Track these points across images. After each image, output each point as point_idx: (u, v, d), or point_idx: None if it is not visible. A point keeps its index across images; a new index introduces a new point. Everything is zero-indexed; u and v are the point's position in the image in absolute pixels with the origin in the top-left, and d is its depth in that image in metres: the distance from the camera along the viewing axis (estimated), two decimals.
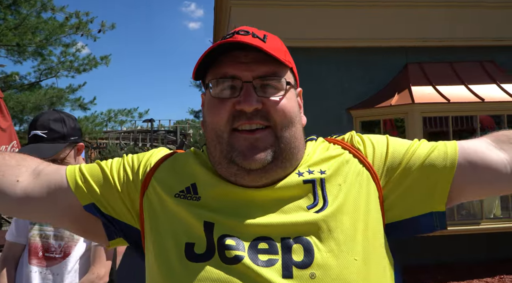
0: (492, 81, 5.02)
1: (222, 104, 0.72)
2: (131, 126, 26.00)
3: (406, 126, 4.69)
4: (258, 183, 0.72)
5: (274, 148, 0.71)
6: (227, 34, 0.76)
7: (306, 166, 0.75)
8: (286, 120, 0.72)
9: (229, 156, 0.71)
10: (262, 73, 0.72)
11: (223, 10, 5.98)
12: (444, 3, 5.25)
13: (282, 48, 0.77)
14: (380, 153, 0.79)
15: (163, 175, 0.79)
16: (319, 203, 0.70)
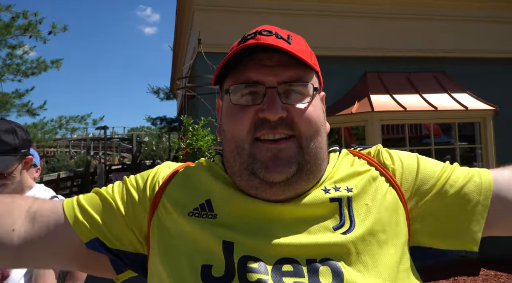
0: (444, 90, 5.29)
1: (243, 112, 0.66)
2: (82, 134, 24.94)
3: (366, 133, 4.82)
4: (280, 197, 0.66)
5: (299, 159, 0.65)
6: (248, 35, 0.69)
7: (332, 182, 0.70)
8: (312, 129, 0.66)
9: (251, 168, 0.65)
10: (288, 78, 0.66)
11: (185, 15, 5.88)
12: (400, 15, 5.49)
13: (307, 49, 0.71)
14: (409, 173, 0.73)
15: (174, 193, 0.72)
16: (345, 224, 0.65)
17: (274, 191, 0.65)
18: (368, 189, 0.69)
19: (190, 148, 3.26)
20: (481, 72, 5.73)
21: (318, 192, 0.67)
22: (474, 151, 5.41)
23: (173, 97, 13.34)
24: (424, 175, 0.73)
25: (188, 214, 0.67)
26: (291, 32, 0.72)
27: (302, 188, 0.67)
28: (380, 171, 0.73)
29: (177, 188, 0.73)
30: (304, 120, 0.66)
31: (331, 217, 0.65)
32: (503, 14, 5.75)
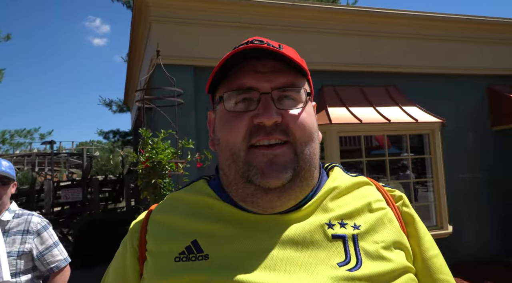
0: (395, 104, 5.54)
1: (238, 119, 0.65)
2: (26, 149, 23.49)
3: (325, 145, 4.91)
4: (276, 203, 0.64)
5: (294, 165, 0.64)
6: (240, 44, 0.69)
7: (339, 216, 0.67)
8: (306, 135, 0.66)
9: (246, 175, 0.64)
10: (281, 83, 0.66)
11: (140, 26, 5.76)
12: (355, 32, 5.71)
13: (299, 57, 0.71)
14: (423, 241, 0.72)
15: (153, 244, 0.67)
16: (351, 261, 0.61)
17: (270, 198, 0.63)
18: (378, 228, 0.67)
19: (150, 162, 3.14)
20: (427, 87, 6.08)
21: (321, 228, 0.64)
22: (423, 162, 5.68)
23: (126, 109, 12.96)
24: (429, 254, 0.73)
25: (174, 260, 0.63)
26: (282, 43, 0.72)
27: (295, 195, 0.65)
28: (396, 216, 0.72)
29: (155, 239, 0.68)
30: (298, 126, 0.65)
31: (335, 253, 0.62)
32: (447, 33, 6.16)
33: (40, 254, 2.02)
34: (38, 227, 2.06)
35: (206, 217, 0.67)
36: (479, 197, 6.15)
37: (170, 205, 0.73)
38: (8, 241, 1.95)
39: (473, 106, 6.33)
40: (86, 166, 11.41)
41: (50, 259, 2.04)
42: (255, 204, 0.64)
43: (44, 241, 2.05)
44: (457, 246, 5.87)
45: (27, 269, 1.97)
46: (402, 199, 0.75)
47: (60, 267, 2.07)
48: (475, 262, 5.86)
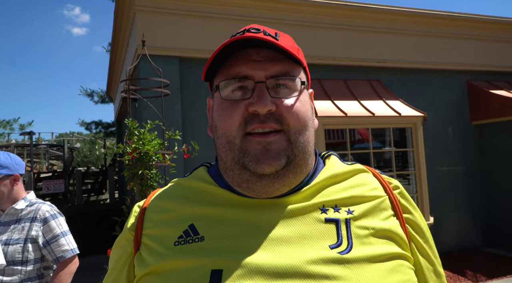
0: (379, 98, 5.62)
1: (234, 107, 0.67)
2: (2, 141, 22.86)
3: None
4: (270, 189, 0.66)
5: (288, 153, 0.66)
6: (236, 33, 0.70)
7: (333, 201, 0.68)
8: (300, 123, 0.67)
9: (242, 162, 0.66)
10: (276, 72, 0.67)
11: (124, 16, 5.67)
12: (340, 26, 5.76)
13: (295, 45, 0.73)
14: (420, 233, 0.75)
15: (153, 229, 0.70)
16: (343, 244, 0.63)
17: (264, 183, 0.65)
18: (372, 214, 0.69)
19: (136, 153, 3.13)
20: (409, 81, 6.20)
21: (315, 211, 0.67)
22: (405, 155, 5.80)
23: (109, 100, 12.76)
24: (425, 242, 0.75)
25: (174, 244, 0.65)
26: (279, 31, 0.73)
27: (289, 181, 0.67)
28: (393, 204, 0.73)
29: (154, 224, 0.71)
30: (292, 114, 0.66)
31: (328, 236, 0.64)
32: (428, 29, 6.26)
33: (46, 243, 2.02)
34: (46, 215, 2.07)
35: (203, 202, 0.69)
36: (459, 189, 6.33)
37: (170, 192, 0.76)
38: (18, 228, 1.99)
39: (453, 100, 6.48)
40: (67, 158, 11.22)
41: (56, 249, 2.04)
42: (250, 189, 0.66)
43: (51, 229, 2.05)
44: (438, 237, 6.04)
45: (35, 258, 1.99)
46: (399, 188, 0.77)
47: (66, 257, 2.05)
48: (456, 252, 6.05)
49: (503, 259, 5.76)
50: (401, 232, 0.70)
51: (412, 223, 0.74)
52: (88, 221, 7.41)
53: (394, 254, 0.66)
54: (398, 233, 0.69)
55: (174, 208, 0.71)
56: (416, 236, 0.74)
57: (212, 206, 0.68)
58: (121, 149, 3.33)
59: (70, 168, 10.79)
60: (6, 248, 1.92)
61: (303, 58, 0.73)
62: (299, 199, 0.68)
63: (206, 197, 0.70)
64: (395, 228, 0.69)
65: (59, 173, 10.56)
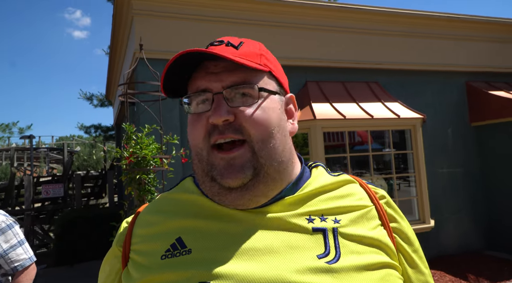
0: (377, 100, 5.61)
1: (198, 120, 0.68)
2: (4, 144, 22.87)
3: (309, 140, 4.95)
4: (240, 202, 0.65)
5: (253, 164, 0.65)
6: (206, 46, 0.72)
7: (319, 211, 0.68)
8: (261, 132, 0.66)
9: (210, 174, 0.66)
10: (232, 82, 0.67)
11: (123, 20, 5.66)
12: (337, 28, 5.75)
13: (259, 52, 0.71)
14: (408, 243, 0.74)
15: (141, 244, 0.70)
16: (330, 253, 0.63)
17: (233, 196, 0.65)
18: (359, 224, 0.69)
19: (134, 157, 3.11)
20: (408, 83, 6.18)
21: (302, 221, 0.66)
22: (405, 157, 5.78)
23: (108, 104, 12.75)
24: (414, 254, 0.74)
25: (161, 258, 0.65)
26: (249, 39, 0.73)
27: (261, 192, 0.66)
28: (380, 214, 0.73)
29: (142, 239, 0.71)
30: (252, 124, 0.65)
31: (315, 246, 0.63)
32: (427, 30, 6.26)
33: (4, 252, 2.03)
34: (3, 225, 2.07)
35: (190, 214, 0.69)
36: (459, 191, 6.31)
37: (157, 206, 0.75)
38: None
39: (453, 102, 6.46)
40: (67, 161, 11.20)
41: (14, 258, 2.05)
42: (222, 201, 0.67)
43: (8, 239, 2.05)
44: (439, 240, 6.01)
45: None
46: (385, 198, 0.77)
47: (25, 266, 2.08)
48: (457, 255, 6.02)
49: (505, 262, 5.72)
50: (389, 242, 0.69)
51: (399, 232, 0.74)
52: (88, 225, 7.38)
53: (383, 263, 0.65)
54: (385, 242, 0.68)
55: (161, 222, 0.70)
56: (404, 246, 0.73)
57: (198, 218, 0.68)
58: (119, 154, 3.31)
59: (69, 172, 10.77)
60: None
61: (268, 63, 0.72)
62: (283, 208, 0.67)
63: (193, 209, 0.70)
64: (383, 237, 0.69)
65: (58, 177, 10.54)
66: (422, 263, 0.75)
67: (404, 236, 0.74)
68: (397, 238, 0.73)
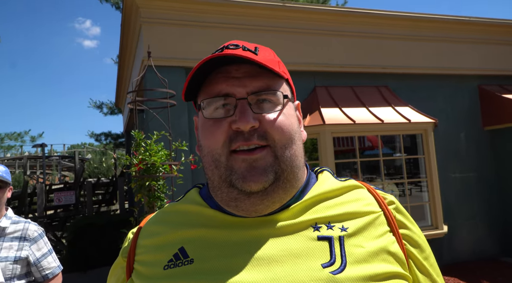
0: (387, 104, 5.55)
1: (217, 125, 0.66)
2: (17, 153, 23.19)
3: (319, 145, 4.91)
4: (259, 207, 0.64)
5: (275, 168, 0.65)
6: (216, 50, 0.69)
7: (326, 218, 0.66)
8: (285, 138, 0.66)
9: (229, 180, 0.65)
10: (256, 88, 0.66)
11: (131, 28, 5.72)
12: (346, 33, 5.73)
13: (275, 59, 0.71)
14: (419, 250, 0.72)
15: (144, 255, 0.70)
16: (336, 262, 0.61)
17: (252, 201, 0.64)
18: (367, 231, 0.66)
19: (143, 164, 3.11)
20: (418, 87, 6.12)
21: (307, 229, 0.65)
22: (416, 162, 5.70)
23: (118, 111, 12.87)
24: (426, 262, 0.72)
25: (163, 268, 0.64)
26: (260, 45, 0.72)
27: (279, 197, 0.65)
28: (388, 220, 0.71)
29: (146, 249, 0.71)
30: (277, 129, 0.65)
31: (320, 254, 0.62)
32: (437, 33, 6.20)
33: (37, 261, 2.12)
34: (35, 235, 2.15)
35: (194, 224, 0.68)
36: (473, 196, 6.19)
37: (161, 217, 0.75)
38: (5, 246, 2.05)
39: (465, 106, 6.37)
40: (78, 169, 11.30)
41: (46, 266, 2.14)
42: (238, 207, 0.65)
43: (40, 248, 2.15)
44: (453, 246, 5.90)
45: (22, 274, 2.07)
46: (394, 204, 0.75)
47: (55, 273, 2.18)
48: (471, 262, 5.89)
49: None
50: (398, 249, 0.67)
51: (409, 239, 0.71)
52: (99, 232, 7.42)
53: (392, 273, 0.63)
54: (394, 250, 0.66)
55: (165, 232, 0.70)
56: (414, 253, 0.70)
57: (202, 228, 0.67)
58: (128, 161, 3.32)
59: (81, 179, 10.86)
60: None
61: (285, 71, 0.73)
62: (290, 216, 0.66)
63: (197, 220, 0.69)
64: (392, 245, 0.66)
65: (70, 185, 10.64)
66: (434, 270, 0.72)
67: (414, 243, 0.71)
68: (407, 245, 0.70)
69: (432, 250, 0.75)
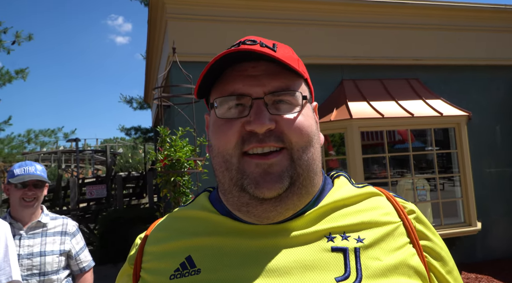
0: (418, 97, 5.37)
1: (229, 125, 0.62)
2: (52, 147, 24.07)
3: (346, 140, 4.82)
4: (272, 213, 0.60)
5: (291, 172, 0.60)
6: (232, 45, 0.64)
7: (341, 227, 0.62)
8: (303, 140, 0.62)
9: (240, 184, 0.61)
10: (275, 88, 0.61)
11: (157, 24, 5.77)
12: (373, 24, 5.57)
13: (294, 56, 0.67)
14: (441, 262, 0.67)
15: (151, 262, 0.67)
16: (351, 276, 0.56)
17: (264, 208, 0.60)
18: (385, 243, 0.62)
19: (168, 160, 3.14)
20: (450, 79, 5.88)
21: (321, 239, 0.60)
22: (449, 156, 5.50)
23: (147, 106, 13.11)
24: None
25: (169, 278, 0.61)
26: (277, 41, 0.68)
27: (293, 204, 0.61)
28: (408, 231, 0.66)
29: (153, 256, 0.68)
30: (294, 130, 0.61)
31: (334, 267, 0.57)
32: (469, 23, 5.93)
33: (76, 254, 2.25)
34: (74, 229, 2.29)
35: (202, 232, 0.65)
36: (508, 192, 5.93)
37: (169, 223, 0.72)
38: (49, 241, 2.16)
39: (500, 98, 6.08)
40: (109, 163, 11.61)
41: (83, 259, 2.28)
42: (250, 213, 0.61)
43: (78, 241, 2.28)
44: (487, 243, 5.68)
45: (65, 266, 2.21)
46: (415, 213, 0.69)
47: (90, 266, 2.31)
48: (505, 259, 5.66)
49: None
50: (419, 262, 0.62)
51: (430, 251, 0.66)
52: (128, 225, 7.61)
53: None
54: (415, 263, 0.61)
55: (172, 239, 0.67)
56: (436, 266, 0.65)
57: (210, 236, 0.64)
58: (154, 157, 3.36)
59: (112, 173, 11.16)
60: (43, 259, 2.09)
61: (305, 70, 0.68)
62: (303, 224, 0.62)
63: (205, 227, 0.66)
64: (412, 258, 0.62)
65: (102, 178, 10.94)
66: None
67: (436, 255, 0.66)
68: (428, 257, 0.65)
69: (465, 247, 0.70)
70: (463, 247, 5.27)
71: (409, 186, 5.21)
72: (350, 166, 4.74)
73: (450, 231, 4.94)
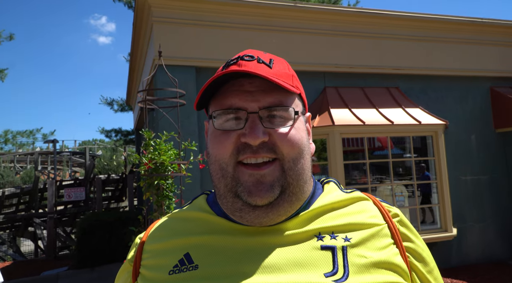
0: (398, 105, 5.51)
1: (226, 136, 0.67)
2: (28, 148, 23.50)
3: (328, 146, 4.90)
4: (264, 219, 0.65)
5: (282, 182, 0.66)
6: (230, 60, 0.70)
7: (329, 227, 0.67)
8: (294, 152, 0.67)
9: (234, 190, 0.66)
10: (268, 103, 0.67)
11: (143, 27, 5.75)
12: (355, 33, 5.69)
13: (289, 72, 0.72)
14: (423, 264, 0.72)
15: (150, 260, 0.72)
16: (338, 272, 0.61)
17: (257, 214, 0.65)
18: (370, 243, 0.67)
19: (152, 163, 3.14)
20: (429, 88, 6.06)
21: (311, 238, 0.66)
22: (427, 163, 5.66)
23: (128, 109, 12.96)
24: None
25: (168, 273, 0.66)
26: (274, 55, 0.73)
27: (285, 210, 0.66)
28: (392, 232, 0.71)
29: (152, 253, 0.72)
30: (286, 143, 0.66)
31: (323, 264, 0.62)
32: (448, 34, 6.13)
33: None
34: None
35: (199, 231, 0.70)
36: (483, 199, 6.13)
37: (168, 223, 0.77)
38: None
39: (476, 107, 6.30)
40: (88, 165, 11.42)
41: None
42: (243, 218, 0.66)
43: None
44: (462, 249, 5.85)
45: None
46: (398, 216, 0.75)
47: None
48: (481, 265, 5.84)
49: None
50: (401, 262, 0.67)
51: (413, 252, 0.72)
52: (107, 228, 7.49)
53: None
54: (397, 262, 0.66)
55: (171, 238, 0.71)
56: (418, 266, 0.71)
57: (208, 235, 0.68)
58: (137, 160, 3.34)
59: (91, 175, 10.98)
60: None
61: (298, 85, 0.73)
62: (295, 225, 0.67)
63: (203, 226, 0.71)
64: (395, 257, 0.67)
65: (80, 181, 10.76)
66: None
67: (418, 256, 0.72)
68: (411, 257, 0.70)
69: (441, 252, 0.75)
70: (439, 252, 5.41)
71: (388, 192, 5.34)
72: (332, 171, 4.83)
73: (427, 236, 5.07)
